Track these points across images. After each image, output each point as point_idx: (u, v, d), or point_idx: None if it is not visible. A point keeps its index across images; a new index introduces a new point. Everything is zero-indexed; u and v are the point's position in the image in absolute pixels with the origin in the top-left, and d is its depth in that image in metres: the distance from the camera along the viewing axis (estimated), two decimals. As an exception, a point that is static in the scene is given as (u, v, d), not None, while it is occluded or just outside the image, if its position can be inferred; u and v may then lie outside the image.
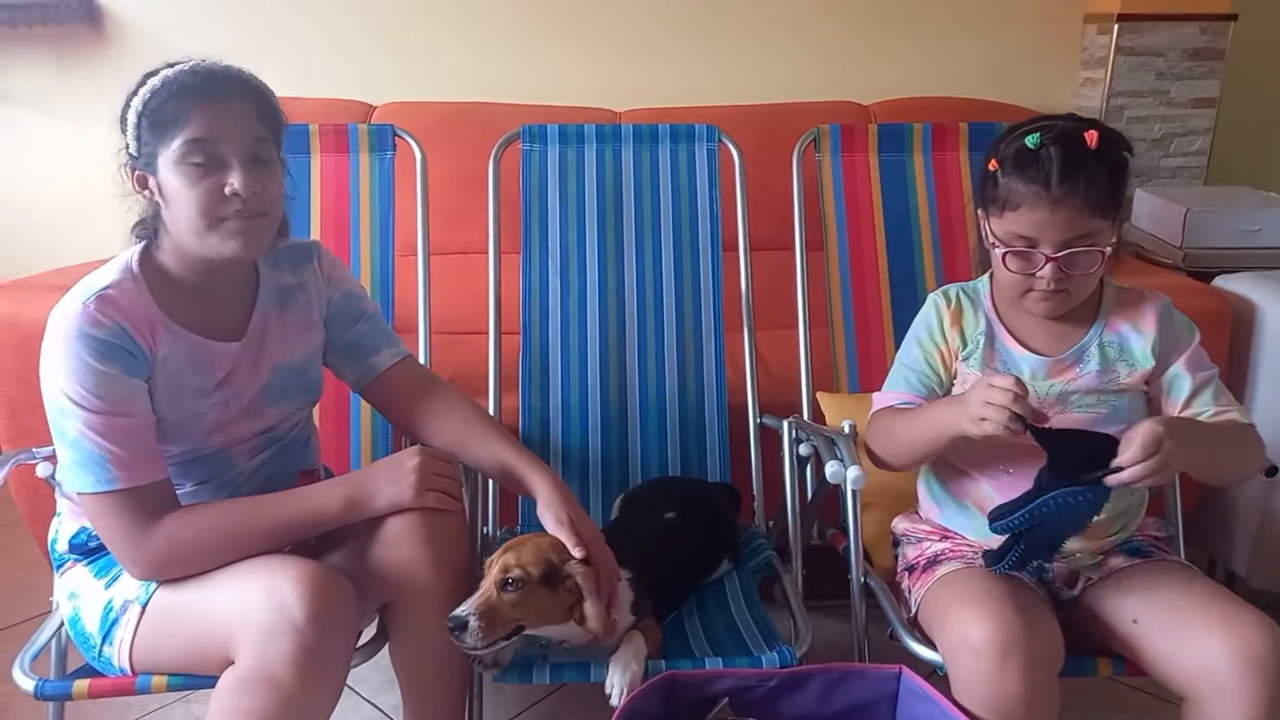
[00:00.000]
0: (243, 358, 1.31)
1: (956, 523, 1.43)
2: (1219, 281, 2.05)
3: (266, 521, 1.22)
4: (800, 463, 1.63)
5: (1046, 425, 1.20)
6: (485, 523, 1.67)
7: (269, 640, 1.10)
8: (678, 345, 1.85)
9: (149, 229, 1.27)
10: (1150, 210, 2.41)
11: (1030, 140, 1.27)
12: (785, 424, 1.66)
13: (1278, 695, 1.14)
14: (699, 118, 1.96)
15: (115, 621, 1.22)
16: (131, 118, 1.20)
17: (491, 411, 1.79)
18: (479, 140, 1.97)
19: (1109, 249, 1.27)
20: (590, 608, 1.24)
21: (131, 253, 1.26)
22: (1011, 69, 2.70)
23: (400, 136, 1.87)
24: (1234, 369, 1.97)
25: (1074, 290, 1.31)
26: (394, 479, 1.26)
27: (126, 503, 1.17)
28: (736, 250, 1.87)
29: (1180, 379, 1.34)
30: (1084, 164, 1.24)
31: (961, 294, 1.44)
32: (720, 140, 1.90)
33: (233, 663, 1.13)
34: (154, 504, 1.19)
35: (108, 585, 1.25)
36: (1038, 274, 1.28)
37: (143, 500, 1.18)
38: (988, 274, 1.44)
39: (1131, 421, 1.24)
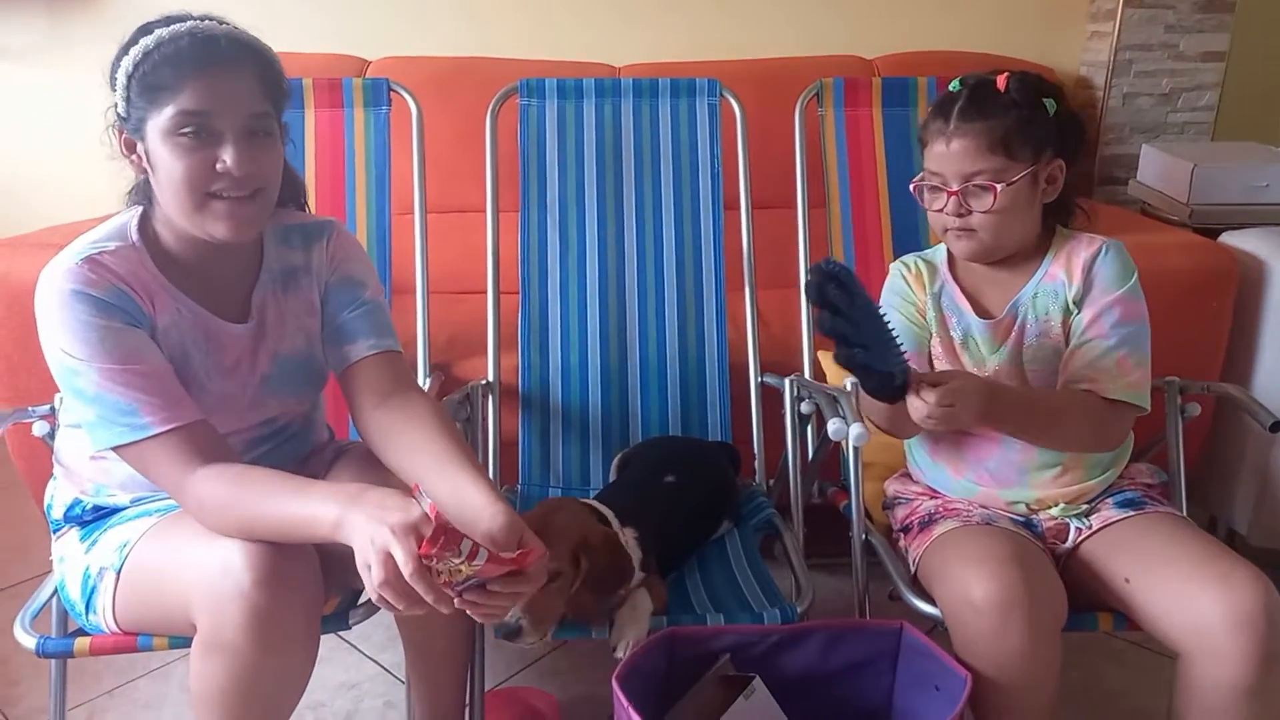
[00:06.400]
0: (247, 343, 1.24)
1: (941, 484, 1.44)
2: (1226, 238, 2.03)
3: (275, 520, 1.07)
4: (802, 421, 1.62)
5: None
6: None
7: (219, 606, 1.06)
8: (678, 303, 1.83)
9: (143, 196, 1.21)
10: (1157, 166, 2.38)
11: (953, 85, 1.35)
12: (787, 382, 1.65)
13: (1270, 653, 1.13)
14: (700, 73, 1.92)
15: (94, 589, 1.20)
16: (121, 77, 1.11)
17: (490, 372, 1.79)
18: (476, 95, 1.94)
19: (1002, 186, 1.29)
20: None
21: (129, 217, 1.19)
22: (1018, 23, 2.65)
23: (396, 91, 1.84)
24: (1241, 325, 1.95)
25: (980, 231, 1.32)
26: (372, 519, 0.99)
27: (165, 447, 1.10)
28: (738, 208, 1.85)
29: (1077, 329, 1.34)
30: (986, 103, 1.31)
31: (919, 260, 1.47)
32: (722, 94, 1.87)
33: None
34: (194, 449, 1.11)
35: (87, 551, 1.22)
36: (945, 210, 1.33)
37: (181, 444, 1.10)
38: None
39: None
